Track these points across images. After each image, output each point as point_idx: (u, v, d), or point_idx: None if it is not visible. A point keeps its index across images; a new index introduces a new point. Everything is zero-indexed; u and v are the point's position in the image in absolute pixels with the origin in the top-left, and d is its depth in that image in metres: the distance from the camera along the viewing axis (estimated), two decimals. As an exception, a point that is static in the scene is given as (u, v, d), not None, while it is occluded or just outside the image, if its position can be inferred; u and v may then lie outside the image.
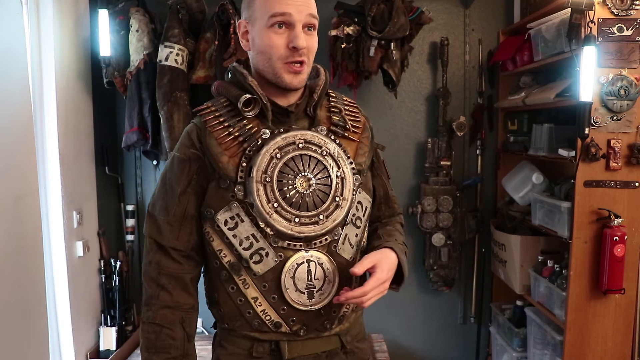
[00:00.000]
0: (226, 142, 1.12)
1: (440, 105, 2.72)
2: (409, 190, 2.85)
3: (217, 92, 1.20)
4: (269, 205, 1.09)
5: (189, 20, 2.42)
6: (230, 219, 1.11)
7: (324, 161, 1.14)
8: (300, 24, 1.10)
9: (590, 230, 1.96)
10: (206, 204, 1.14)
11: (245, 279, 1.13)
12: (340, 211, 1.14)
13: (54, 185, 2.28)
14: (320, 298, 1.15)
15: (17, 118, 1.90)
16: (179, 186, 1.14)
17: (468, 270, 2.87)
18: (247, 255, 1.12)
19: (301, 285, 1.13)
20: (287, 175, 1.11)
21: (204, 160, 1.13)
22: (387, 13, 2.38)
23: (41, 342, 2.00)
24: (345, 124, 1.20)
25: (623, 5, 1.88)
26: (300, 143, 1.13)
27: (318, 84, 1.19)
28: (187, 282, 1.17)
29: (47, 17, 2.21)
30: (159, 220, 1.15)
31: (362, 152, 1.22)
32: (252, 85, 1.12)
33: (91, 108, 2.63)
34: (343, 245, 1.17)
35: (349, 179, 1.16)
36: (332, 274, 1.15)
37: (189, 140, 1.15)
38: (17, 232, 1.87)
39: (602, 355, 2.00)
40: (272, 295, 1.13)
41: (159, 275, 1.15)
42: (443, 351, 2.94)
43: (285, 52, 1.09)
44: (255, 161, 1.10)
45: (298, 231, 1.11)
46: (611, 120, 1.92)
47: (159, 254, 1.15)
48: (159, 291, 1.14)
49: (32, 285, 1.95)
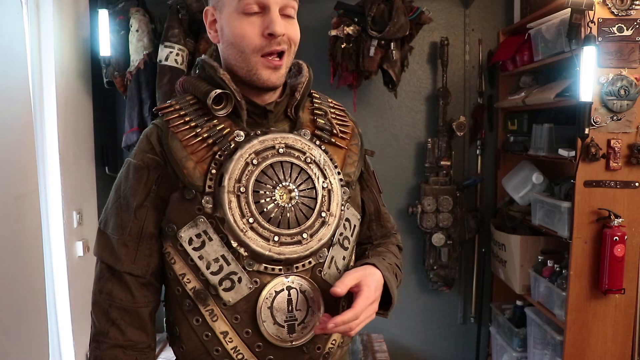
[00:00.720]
0: (192, 144, 0.94)
1: (440, 105, 2.72)
2: (409, 190, 2.85)
3: (183, 89, 1.03)
4: (243, 220, 0.92)
5: (189, 20, 2.42)
6: (196, 236, 0.93)
7: (308, 170, 0.97)
8: (277, 7, 0.93)
9: (590, 230, 1.96)
10: (167, 219, 0.95)
11: (213, 309, 0.94)
12: (327, 229, 0.97)
13: (54, 185, 2.28)
14: (302, 332, 0.97)
15: (17, 118, 1.90)
16: (135, 199, 0.96)
17: (468, 270, 2.87)
18: (215, 280, 0.93)
19: (280, 317, 0.95)
20: (264, 185, 0.94)
21: (166, 167, 0.95)
22: (387, 13, 2.38)
23: (41, 342, 2.00)
24: (332, 128, 1.04)
25: (623, 5, 1.88)
26: (281, 148, 0.96)
27: (301, 82, 1.03)
28: (144, 317, 0.98)
29: (47, 17, 2.21)
30: (112, 239, 0.97)
31: (351, 161, 1.06)
32: (223, 79, 0.96)
33: (91, 108, 2.63)
34: (329, 270, 0.99)
35: (337, 192, 0.99)
36: (316, 303, 0.97)
37: (147, 144, 0.97)
38: (17, 231, 1.87)
39: (602, 355, 2.00)
40: (246, 330, 0.95)
41: (110, 308, 0.96)
42: (443, 351, 2.94)
43: (261, 42, 0.93)
44: (228, 167, 0.92)
45: (277, 252, 0.93)
46: (611, 120, 1.92)
47: (112, 281, 0.97)
48: (108, 327, 0.96)
49: (32, 285, 1.95)
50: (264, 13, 0.93)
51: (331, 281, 0.98)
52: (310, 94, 1.09)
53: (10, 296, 1.79)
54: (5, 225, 1.80)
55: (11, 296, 1.80)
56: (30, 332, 1.91)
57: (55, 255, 2.31)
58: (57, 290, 2.32)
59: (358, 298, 0.92)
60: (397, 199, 2.82)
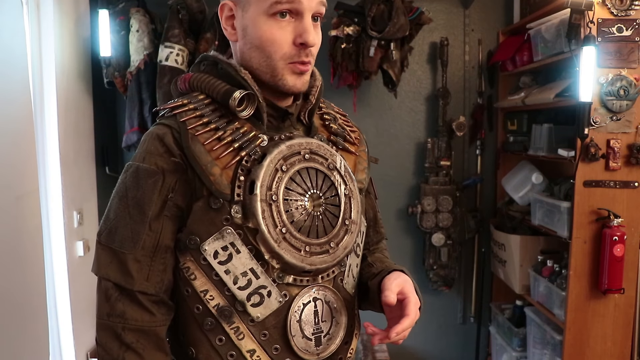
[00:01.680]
0: (216, 149, 0.87)
1: (440, 106, 2.72)
2: (409, 190, 2.85)
3: (190, 87, 0.94)
4: (277, 230, 0.86)
5: (189, 20, 2.42)
6: (222, 249, 0.87)
7: (331, 176, 0.93)
8: (310, 13, 0.87)
9: (590, 230, 1.96)
10: (188, 231, 0.88)
11: (239, 326, 0.88)
12: (350, 237, 0.94)
13: (54, 185, 2.28)
14: (327, 344, 0.94)
15: (17, 118, 1.90)
16: (150, 208, 0.86)
17: (468, 270, 2.88)
18: (243, 296, 0.87)
19: (308, 330, 0.92)
20: (294, 192, 0.89)
21: (186, 172, 0.87)
22: (387, 13, 2.38)
23: (41, 342, 2.00)
24: (345, 133, 1.02)
25: (622, 6, 1.88)
26: (307, 154, 0.91)
27: (315, 86, 0.99)
28: (162, 337, 0.89)
29: (47, 17, 2.21)
30: (122, 255, 0.86)
31: (362, 167, 1.04)
32: (245, 79, 0.89)
33: (91, 108, 2.63)
34: (348, 278, 0.98)
35: (357, 199, 0.96)
36: (339, 313, 0.95)
37: (161, 146, 0.88)
38: (18, 231, 1.87)
39: (602, 355, 2.01)
40: (275, 346, 0.90)
41: (124, 331, 0.86)
42: (443, 351, 2.94)
43: (290, 50, 0.87)
44: (259, 174, 0.86)
45: (309, 263, 0.89)
46: (611, 120, 1.92)
47: (123, 301, 0.86)
48: (123, 353, 0.86)
49: (32, 284, 1.96)
50: (296, 19, 0.87)
51: (349, 289, 0.98)
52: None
53: (10, 296, 1.80)
54: (6, 225, 1.80)
55: (12, 296, 1.80)
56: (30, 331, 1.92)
57: (55, 255, 2.31)
58: (58, 290, 2.32)
59: (409, 304, 0.90)
60: (397, 199, 2.82)
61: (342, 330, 0.96)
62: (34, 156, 2.03)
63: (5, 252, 1.78)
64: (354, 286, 1.01)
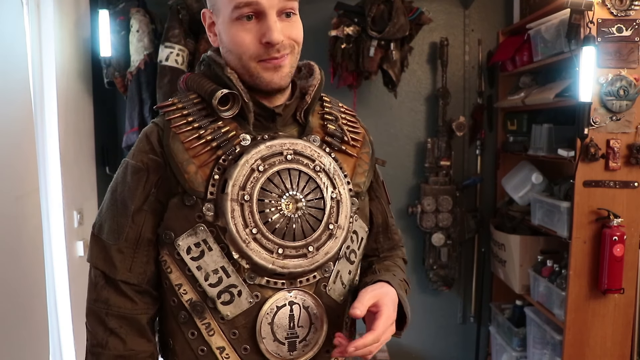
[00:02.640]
0: (195, 147, 0.89)
1: (440, 106, 2.73)
2: (409, 190, 2.85)
3: (186, 86, 0.97)
4: (246, 230, 0.86)
5: (190, 20, 2.42)
6: (195, 245, 0.88)
7: (317, 178, 0.92)
8: (274, 11, 0.86)
9: (590, 230, 1.96)
10: (165, 226, 0.91)
11: (210, 323, 0.90)
12: (334, 242, 0.92)
13: (55, 185, 2.28)
14: (303, 350, 0.93)
15: (17, 118, 1.90)
16: (133, 202, 0.91)
17: (468, 270, 2.88)
18: (214, 293, 0.88)
19: (281, 333, 0.91)
20: (270, 193, 0.89)
21: (166, 169, 0.90)
22: (387, 13, 2.39)
23: (42, 342, 2.00)
24: (343, 134, 0.99)
25: (622, 6, 1.89)
26: (289, 154, 0.90)
27: (312, 84, 0.97)
28: (143, 324, 0.93)
29: (47, 17, 2.21)
30: (107, 245, 0.92)
31: (362, 170, 1.00)
32: (230, 78, 0.90)
33: (92, 108, 2.63)
34: (334, 285, 0.95)
35: (346, 203, 0.94)
36: (319, 320, 0.93)
37: (147, 143, 0.92)
38: (18, 231, 1.87)
39: (602, 354, 2.01)
40: (244, 346, 0.91)
41: (108, 316, 0.91)
42: (443, 351, 2.95)
43: (258, 50, 0.88)
44: (232, 173, 0.87)
45: (281, 266, 0.88)
46: (610, 121, 1.92)
47: (107, 289, 0.92)
48: (107, 337, 0.91)
49: (32, 284, 1.96)
50: (260, 19, 0.87)
51: (336, 297, 0.95)
52: (321, 98, 1.04)
53: (11, 296, 1.80)
54: (6, 225, 1.80)
55: (12, 296, 1.81)
56: (31, 331, 1.92)
57: (55, 255, 2.31)
58: (58, 290, 2.32)
59: (378, 319, 0.87)
60: (397, 199, 2.82)
61: (322, 337, 0.94)
62: (34, 156, 2.03)
63: (5, 252, 1.78)
64: (345, 294, 0.97)
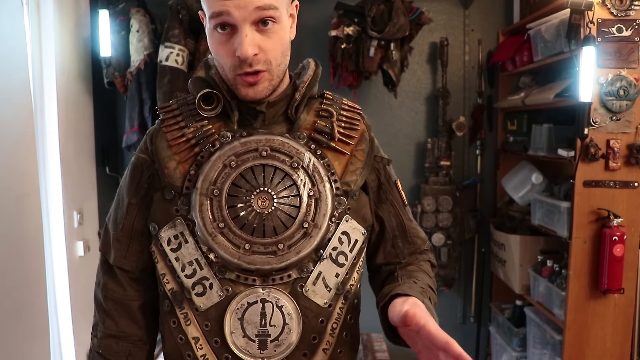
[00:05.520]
0: (178, 144, 0.94)
1: (440, 106, 2.73)
2: (409, 190, 2.85)
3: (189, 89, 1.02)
4: (214, 224, 0.88)
5: (189, 20, 2.42)
6: (174, 237, 0.92)
7: (294, 175, 0.91)
8: (246, 23, 0.84)
9: (590, 230, 1.96)
10: (151, 218, 0.96)
11: (187, 313, 0.92)
12: (309, 241, 0.90)
13: (55, 185, 2.28)
14: (275, 350, 0.91)
15: (18, 118, 1.90)
16: (128, 196, 0.98)
17: (468, 270, 2.88)
18: (189, 284, 0.91)
19: (251, 330, 0.90)
20: (241, 189, 0.89)
21: (154, 166, 0.96)
22: (387, 13, 2.39)
23: (42, 342, 2.00)
24: (332, 130, 0.95)
25: (622, 6, 1.89)
26: (264, 150, 0.91)
27: (303, 81, 0.96)
28: (134, 309, 1.00)
29: (47, 17, 2.21)
30: (110, 234, 1.00)
31: (354, 168, 0.96)
32: (214, 78, 0.93)
33: (92, 108, 2.63)
34: (314, 286, 0.92)
35: (326, 201, 0.91)
36: (294, 321, 0.91)
37: (144, 142, 0.99)
38: (18, 231, 1.88)
39: (602, 354, 2.01)
40: (215, 339, 0.92)
41: (105, 299, 1.00)
42: (443, 351, 2.94)
43: (233, 62, 0.87)
44: (204, 169, 0.90)
45: (248, 261, 0.88)
46: (610, 121, 1.92)
47: (107, 274, 1.01)
48: (104, 317, 1.00)
49: (33, 284, 1.96)
50: (234, 31, 0.85)
51: (316, 299, 0.92)
52: (323, 94, 1.02)
53: (11, 296, 1.80)
54: (7, 225, 1.80)
55: (12, 296, 1.81)
56: (31, 331, 1.92)
57: (55, 255, 2.31)
58: (58, 290, 2.32)
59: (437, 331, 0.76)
60: (397, 199, 2.82)
61: (295, 339, 0.91)
62: (34, 156, 2.03)
63: (6, 252, 1.78)
64: (330, 297, 0.93)
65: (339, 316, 0.96)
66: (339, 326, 0.96)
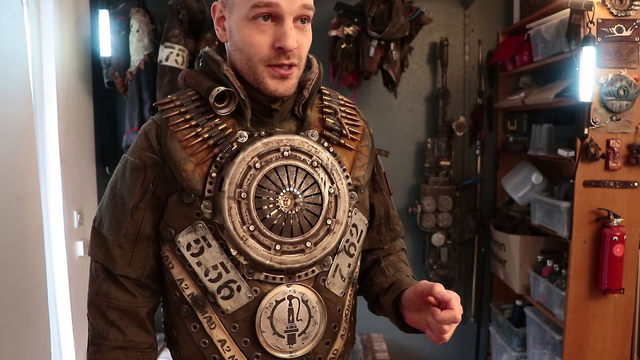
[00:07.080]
0: (192, 145, 0.90)
1: (440, 106, 2.73)
2: (409, 190, 2.85)
3: (185, 83, 0.98)
4: (244, 227, 0.88)
5: (189, 20, 2.42)
6: (195, 242, 0.90)
7: (314, 174, 0.92)
8: (291, 17, 0.87)
9: (590, 230, 1.96)
10: (165, 223, 0.93)
11: (211, 316, 0.92)
12: (333, 237, 0.93)
13: (55, 185, 2.28)
14: (303, 343, 0.94)
15: (18, 118, 1.90)
16: (132, 199, 0.93)
17: (468, 270, 2.88)
18: (214, 288, 0.90)
19: (280, 327, 0.92)
20: (267, 190, 0.89)
21: (164, 167, 0.91)
22: (387, 13, 2.39)
23: (43, 342, 2.00)
24: (342, 128, 0.98)
25: (622, 6, 1.89)
26: (286, 150, 0.91)
27: (309, 78, 0.97)
28: (143, 317, 0.96)
29: (47, 17, 2.21)
30: (108, 240, 0.94)
31: (361, 164, 1.01)
32: (227, 75, 0.92)
33: (92, 108, 2.63)
34: (333, 278, 0.96)
35: (344, 197, 0.94)
36: (318, 313, 0.95)
37: (145, 141, 0.94)
38: (19, 231, 1.88)
39: (602, 354, 2.01)
40: (244, 339, 0.92)
41: (108, 309, 0.94)
42: (442, 351, 2.95)
43: (269, 53, 0.88)
44: (228, 171, 0.88)
45: (279, 262, 0.89)
46: (610, 121, 1.92)
47: (108, 282, 0.95)
48: (108, 329, 0.94)
49: (33, 285, 1.96)
50: (277, 23, 0.87)
51: (335, 290, 0.97)
52: (320, 91, 1.04)
53: (12, 296, 1.80)
54: (7, 225, 1.80)
55: (13, 296, 1.81)
56: (32, 332, 1.92)
57: (56, 255, 2.31)
58: (58, 290, 2.32)
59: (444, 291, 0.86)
60: (397, 199, 2.82)
61: (321, 330, 0.96)
62: (34, 156, 2.03)
63: (6, 252, 1.78)
64: (345, 286, 0.99)
65: (349, 303, 1.02)
66: (350, 312, 1.03)
